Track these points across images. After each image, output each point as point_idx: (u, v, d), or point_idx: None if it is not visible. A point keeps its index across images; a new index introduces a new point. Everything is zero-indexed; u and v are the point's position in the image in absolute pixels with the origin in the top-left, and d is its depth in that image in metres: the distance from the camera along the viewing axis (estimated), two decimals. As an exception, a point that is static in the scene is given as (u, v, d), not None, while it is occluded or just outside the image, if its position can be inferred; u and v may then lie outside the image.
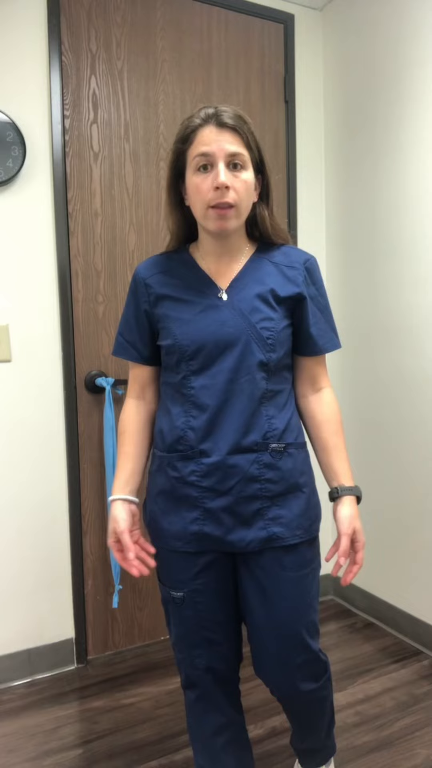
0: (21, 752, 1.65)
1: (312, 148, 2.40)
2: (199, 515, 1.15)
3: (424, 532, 2.07)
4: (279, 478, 1.15)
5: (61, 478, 2.00)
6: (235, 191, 1.08)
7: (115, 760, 1.61)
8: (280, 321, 1.15)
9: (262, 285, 1.16)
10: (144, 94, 2.05)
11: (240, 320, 1.13)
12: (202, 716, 1.25)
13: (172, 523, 1.17)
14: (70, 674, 2.01)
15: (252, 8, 2.22)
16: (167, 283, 1.19)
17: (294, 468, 1.17)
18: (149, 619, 2.17)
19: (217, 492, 1.14)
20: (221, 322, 1.13)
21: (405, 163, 2.04)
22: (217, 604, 1.19)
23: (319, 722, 1.33)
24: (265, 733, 1.68)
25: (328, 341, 1.22)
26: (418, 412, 2.05)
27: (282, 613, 1.16)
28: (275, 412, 1.16)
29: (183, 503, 1.16)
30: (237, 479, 1.13)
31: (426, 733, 1.67)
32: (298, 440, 1.20)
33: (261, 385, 1.14)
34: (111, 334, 2.04)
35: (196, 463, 1.15)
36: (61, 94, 1.91)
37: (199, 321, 1.14)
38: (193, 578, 1.17)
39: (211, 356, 1.13)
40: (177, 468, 1.17)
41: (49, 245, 1.94)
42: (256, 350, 1.13)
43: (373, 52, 2.14)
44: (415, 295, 2.03)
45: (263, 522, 1.14)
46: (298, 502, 1.17)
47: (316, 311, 1.21)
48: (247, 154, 1.09)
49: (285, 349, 1.17)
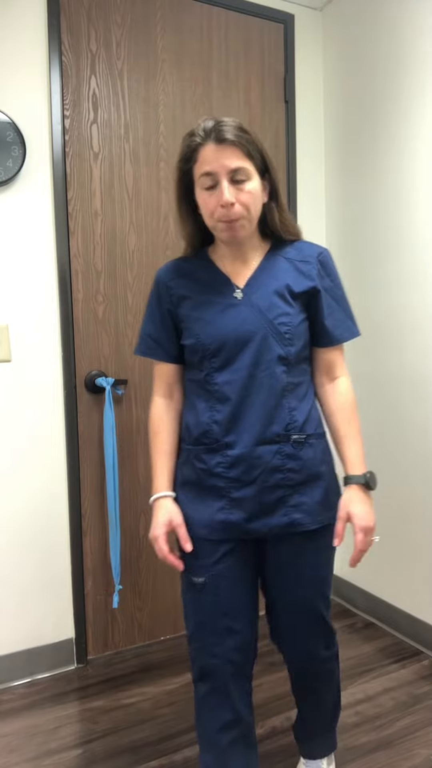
0: (21, 752, 1.65)
1: (312, 148, 2.40)
2: (225, 504, 1.20)
3: (424, 532, 2.07)
4: (300, 468, 1.20)
5: (61, 478, 2.00)
6: (241, 204, 1.12)
7: (115, 760, 1.61)
8: (296, 315, 1.20)
9: (278, 281, 1.20)
10: (144, 94, 2.05)
11: (258, 317, 1.18)
12: (211, 711, 1.25)
13: (197, 511, 1.22)
14: (70, 674, 2.01)
15: (252, 8, 2.22)
16: (187, 285, 1.24)
17: (315, 457, 1.22)
18: (149, 619, 2.17)
19: (242, 482, 1.19)
20: (241, 320, 1.18)
21: (405, 162, 2.04)
22: (237, 591, 1.23)
23: (327, 697, 1.38)
24: (265, 733, 1.68)
25: (344, 331, 1.25)
26: (418, 411, 2.05)
27: (300, 590, 1.24)
28: (296, 404, 1.21)
29: (209, 493, 1.21)
30: (261, 470, 1.18)
31: (426, 733, 1.67)
32: (318, 430, 1.25)
33: (282, 379, 1.19)
34: (111, 334, 2.04)
35: (221, 455, 1.20)
36: (61, 94, 1.91)
37: (219, 320, 1.19)
38: (215, 563, 1.21)
39: (232, 353, 1.18)
40: (203, 460, 1.22)
41: (49, 245, 1.94)
42: (274, 345, 1.18)
43: (373, 51, 2.14)
44: (416, 293, 2.03)
45: (285, 509, 1.20)
46: (318, 490, 1.22)
47: (331, 302, 1.24)
48: (249, 165, 1.12)
49: (303, 341, 1.22)
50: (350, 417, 1.24)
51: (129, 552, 2.11)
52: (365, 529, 1.18)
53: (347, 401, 1.25)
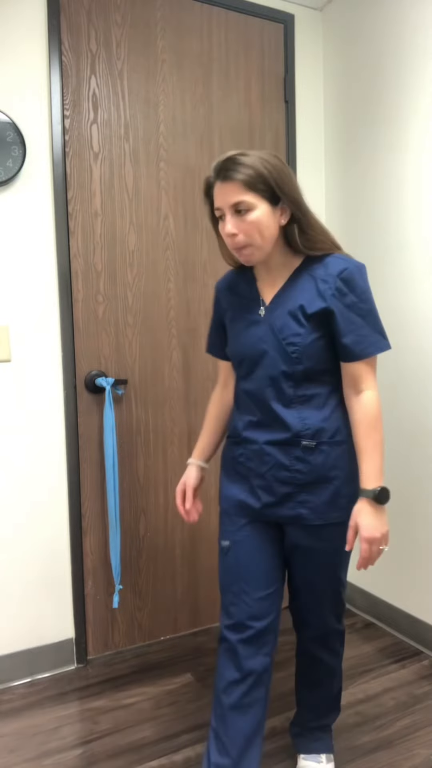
0: (21, 752, 1.65)
1: (312, 148, 2.40)
2: (243, 488, 1.38)
3: (424, 532, 2.07)
4: (308, 470, 1.30)
5: (61, 478, 2.00)
6: (243, 233, 1.23)
7: (115, 760, 1.61)
8: (308, 335, 1.27)
9: (294, 301, 1.28)
10: (144, 94, 2.05)
11: (271, 336, 1.30)
12: (222, 669, 1.37)
13: (228, 489, 1.42)
14: (70, 674, 2.01)
15: (252, 8, 2.22)
16: (230, 298, 1.41)
17: (325, 463, 1.30)
18: (149, 619, 2.17)
19: (256, 473, 1.35)
20: (257, 338, 1.32)
21: (405, 162, 2.04)
22: (254, 558, 1.36)
23: (330, 682, 1.49)
24: (265, 733, 1.68)
25: (368, 346, 1.26)
26: (418, 411, 2.05)
27: (311, 570, 1.37)
28: (310, 413, 1.30)
29: (235, 477, 1.40)
30: (270, 465, 1.32)
31: (426, 733, 1.67)
32: (335, 439, 1.31)
33: (288, 393, 1.30)
34: (111, 334, 2.04)
35: (243, 448, 1.38)
36: (61, 94, 1.91)
37: (243, 336, 1.35)
38: (238, 530, 1.38)
39: (250, 366, 1.34)
40: (232, 450, 1.41)
41: (49, 245, 1.94)
42: (279, 363, 1.29)
43: (373, 52, 2.14)
44: (416, 293, 2.03)
45: (293, 503, 1.32)
46: (326, 492, 1.31)
47: (354, 318, 1.26)
48: (250, 198, 1.21)
49: (316, 359, 1.28)
50: (368, 432, 1.27)
51: (129, 552, 2.11)
52: (369, 540, 1.24)
53: (367, 415, 1.27)
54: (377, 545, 1.25)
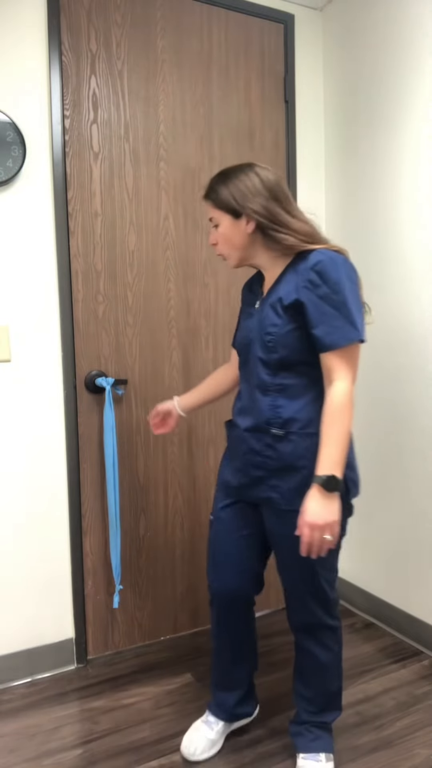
0: (21, 752, 1.65)
1: (312, 148, 2.40)
2: (230, 468, 1.52)
3: (423, 532, 2.07)
4: (276, 457, 1.38)
5: (61, 478, 2.00)
6: (219, 242, 1.44)
7: (115, 760, 1.61)
8: (284, 326, 1.34)
9: (276, 295, 1.37)
10: (144, 94, 2.05)
11: (257, 326, 1.41)
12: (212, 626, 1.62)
13: (222, 468, 1.58)
14: (70, 674, 2.01)
15: (252, 8, 2.22)
16: (245, 296, 1.56)
17: (293, 452, 1.36)
18: (149, 619, 2.17)
19: (237, 454, 1.47)
20: (249, 329, 1.45)
21: (405, 162, 2.04)
22: (228, 539, 1.52)
23: (322, 678, 1.51)
24: (265, 733, 1.68)
25: (339, 337, 1.28)
26: (417, 412, 2.05)
27: (286, 554, 1.43)
28: (284, 402, 1.37)
29: (227, 458, 1.55)
30: (246, 449, 1.43)
31: (426, 733, 1.67)
32: (306, 430, 1.35)
33: (265, 379, 1.39)
34: (111, 334, 2.04)
35: (231, 431, 1.52)
36: (61, 94, 1.91)
37: (242, 327, 1.50)
38: (221, 509, 1.54)
39: (243, 354, 1.47)
40: (228, 433, 1.55)
41: (49, 245, 1.94)
42: (259, 350, 1.39)
43: (373, 51, 2.14)
44: (415, 294, 2.03)
45: (265, 486, 1.42)
46: (294, 480, 1.37)
47: (326, 309, 1.28)
48: (217, 213, 1.40)
49: (291, 348, 1.34)
50: (330, 421, 1.28)
51: (129, 552, 2.11)
52: (309, 524, 1.27)
53: (332, 405, 1.29)
54: (319, 532, 1.26)
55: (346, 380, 1.29)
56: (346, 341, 1.28)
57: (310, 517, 1.27)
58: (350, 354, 1.30)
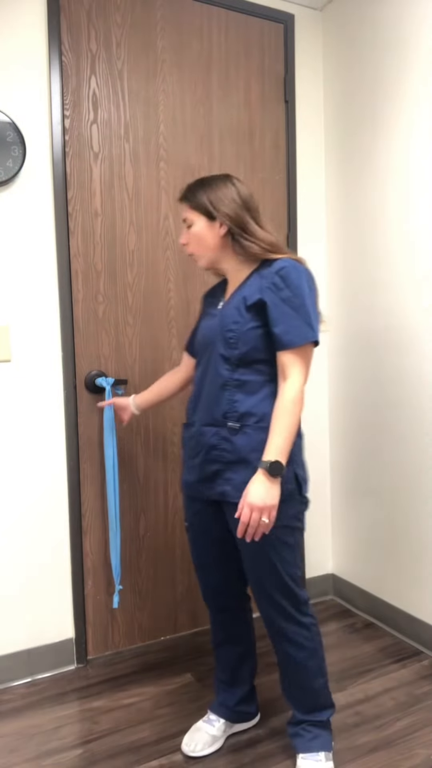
0: (21, 752, 1.65)
1: (312, 148, 2.40)
2: (188, 467, 1.56)
3: (423, 532, 2.07)
4: (232, 450, 1.44)
5: (61, 478, 2.00)
6: (190, 243, 1.52)
7: (115, 760, 1.61)
8: (245, 324, 1.42)
9: (240, 295, 1.44)
10: (144, 94, 2.05)
11: (218, 325, 1.47)
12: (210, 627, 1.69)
13: (184, 473, 1.60)
14: (70, 674, 2.01)
15: (252, 8, 2.22)
16: (206, 301, 1.63)
17: (247, 445, 1.42)
18: (149, 619, 2.17)
19: (195, 452, 1.52)
20: (209, 327, 1.51)
21: (405, 162, 2.04)
22: (204, 543, 1.59)
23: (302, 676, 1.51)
24: (265, 733, 1.68)
25: (296, 336, 1.37)
26: (416, 413, 2.05)
27: (247, 551, 1.46)
28: (241, 397, 1.44)
29: (186, 460, 1.58)
30: (204, 445, 1.48)
31: (426, 733, 1.67)
32: (260, 424, 1.42)
33: (224, 374, 1.45)
34: (111, 334, 2.04)
35: (188, 431, 1.57)
36: (61, 94, 1.91)
37: (203, 326, 1.54)
38: (193, 515, 1.59)
39: (201, 353, 1.53)
40: (184, 434, 1.60)
41: (49, 245, 1.94)
42: (220, 347, 1.45)
43: (373, 51, 2.14)
44: (415, 295, 2.03)
45: (220, 480, 1.46)
46: (246, 472, 1.41)
47: (287, 311, 1.38)
48: (191, 214, 1.49)
49: (251, 346, 1.42)
50: (280, 414, 1.36)
51: (129, 552, 2.11)
52: (250, 505, 1.33)
53: (284, 399, 1.37)
54: (258, 513, 1.33)
55: (299, 377, 1.38)
56: (302, 340, 1.37)
57: (251, 498, 1.33)
58: (305, 353, 1.39)
